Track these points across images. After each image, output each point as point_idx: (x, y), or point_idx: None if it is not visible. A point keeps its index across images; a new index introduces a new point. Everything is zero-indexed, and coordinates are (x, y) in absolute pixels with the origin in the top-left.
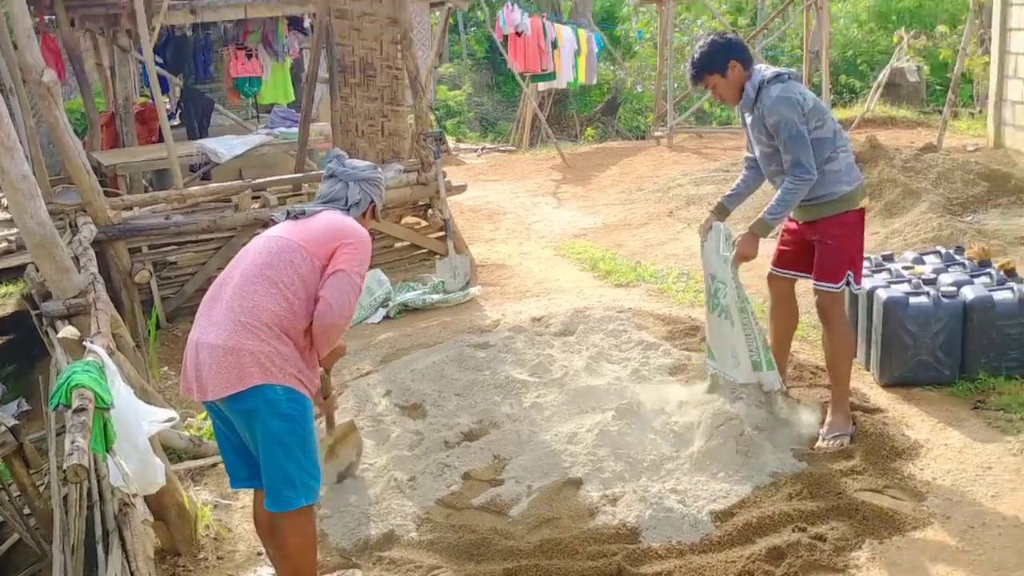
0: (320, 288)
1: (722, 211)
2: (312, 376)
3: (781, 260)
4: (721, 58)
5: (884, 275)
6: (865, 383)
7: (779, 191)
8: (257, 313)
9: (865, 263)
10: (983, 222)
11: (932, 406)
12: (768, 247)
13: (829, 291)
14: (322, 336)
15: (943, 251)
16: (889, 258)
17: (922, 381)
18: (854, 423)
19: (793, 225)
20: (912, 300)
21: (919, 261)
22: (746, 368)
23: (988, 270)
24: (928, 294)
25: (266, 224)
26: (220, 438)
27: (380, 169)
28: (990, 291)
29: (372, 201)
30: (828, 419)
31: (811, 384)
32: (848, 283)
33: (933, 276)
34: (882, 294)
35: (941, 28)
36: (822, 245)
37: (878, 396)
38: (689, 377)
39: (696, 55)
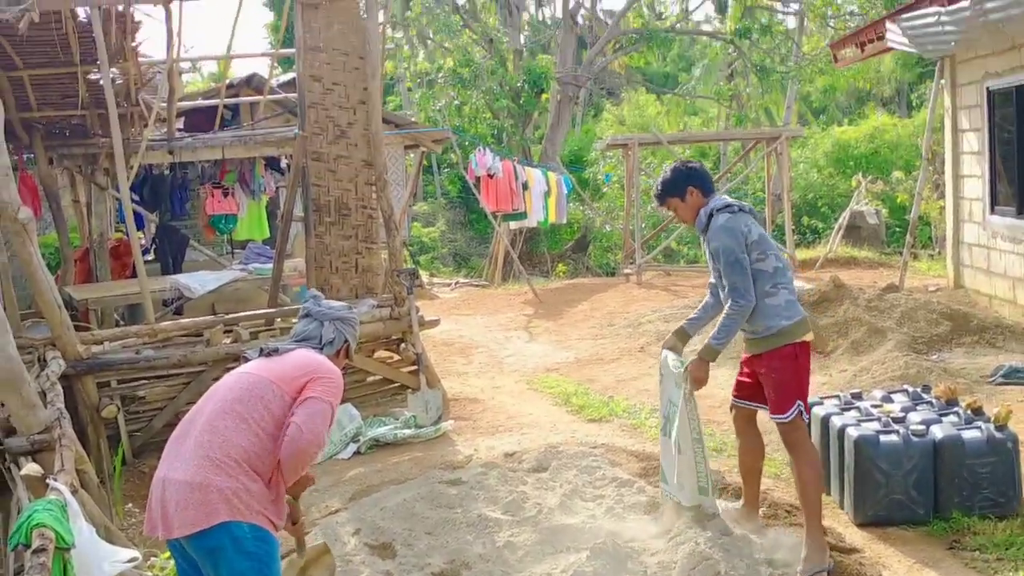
0: (291, 414)
1: (683, 335)
2: (279, 512)
3: (739, 391)
4: (681, 183)
5: (854, 413)
6: (840, 522)
7: (721, 317)
8: (226, 448)
9: (834, 401)
10: (948, 361)
11: (908, 546)
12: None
13: (781, 422)
14: (290, 461)
15: (911, 389)
16: (858, 396)
17: (897, 520)
18: (831, 560)
19: (746, 356)
20: (883, 438)
21: (887, 399)
22: (691, 492)
23: (956, 409)
24: (898, 432)
25: (238, 359)
26: None
27: (355, 309)
28: (959, 430)
29: (346, 340)
30: (804, 554)
31: (787, 523)
32: (800, 412)
33: (902, 415)
34: (852, 432)
35: (897, 174)
36: (766, 378)
37: (853, 535)
38: (664, 515)
39: (661, 179)
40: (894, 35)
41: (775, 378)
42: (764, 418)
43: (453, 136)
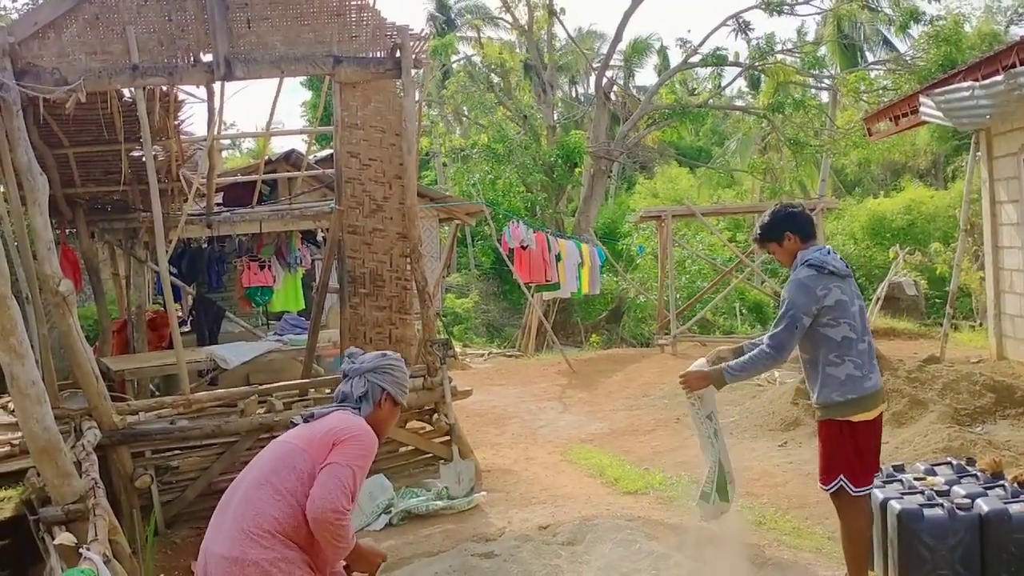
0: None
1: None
2: None
3: None
4: (779, 229)
5: (896, 486)
6: None
7: (750, 353)
8: (259, 521)
9: (876, 474)
10: (993, 433)
11: None
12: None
13: (824, 491)
14: (318, 534)
15: (955, 462)
16: (900, 469)
17: None
18: None
19: None
20: (927, 512)
21: (931, 472)
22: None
23: (1002, 482)
24: (943, 506)
25: (272, 429)
26: None
27: (392, 356)
28: (1005, 503)
29: (383, 390)
30: None
31: None
32: (842, 487)
33: (946, 488)
34: (896, 506)
35: (935, 245)
36: (819, 444)
37: None
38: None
39: (760, 221)
40: (928, 109)
41: (822, 448)
42: None
43: (487, 209)
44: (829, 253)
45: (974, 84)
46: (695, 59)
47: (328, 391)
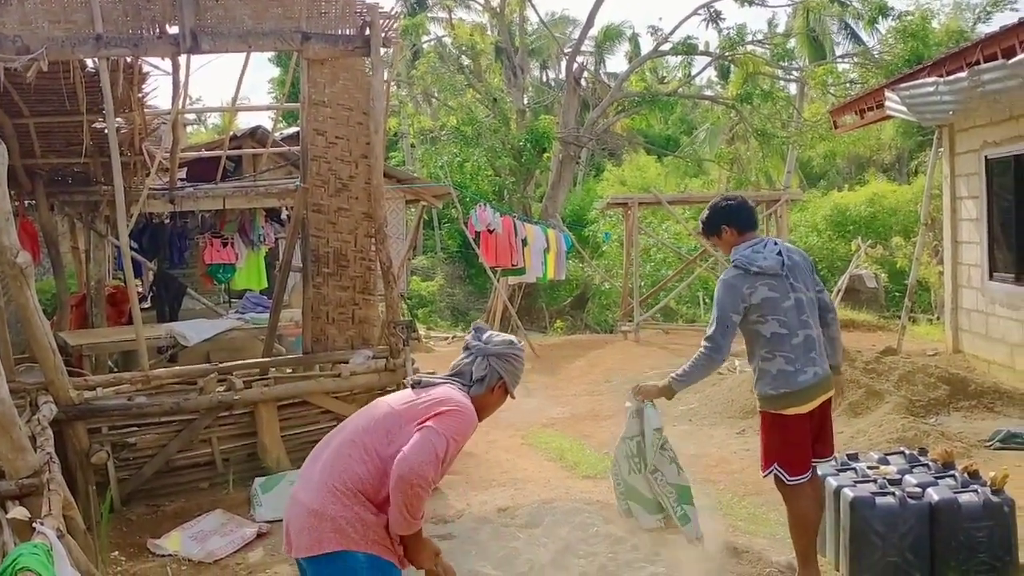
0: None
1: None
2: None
3: None
4: (716, 222)
5: (850, 474)
6: None
7: (691, 360)
8: (344, 478)
9: (830, 462)
10: (946, 425)
11: None
12: None
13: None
14: (395, 494)
15: (907, 452)
16: (854, 457)
17: None
18: None
19: None
20: (879, 500)
21: (884, 461)
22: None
23: (952, 472)
24: (894, 494)
25: (230, 408)
26: None
27: (518, 345)
28: (955, 493)
29: (500, 378)
30: None
31: None
32: (775, 475)
33: (898, 477)
34: (849, 493)
35: (896, 239)
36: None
37: None
38: (657, 574)
39: (702, 215)
40: (893, 103)
41: (761, 436)
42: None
43: (454, 192)
44: (766, 246)
45: (938, 80)
46: (666, 47)
47: (289, 371)
